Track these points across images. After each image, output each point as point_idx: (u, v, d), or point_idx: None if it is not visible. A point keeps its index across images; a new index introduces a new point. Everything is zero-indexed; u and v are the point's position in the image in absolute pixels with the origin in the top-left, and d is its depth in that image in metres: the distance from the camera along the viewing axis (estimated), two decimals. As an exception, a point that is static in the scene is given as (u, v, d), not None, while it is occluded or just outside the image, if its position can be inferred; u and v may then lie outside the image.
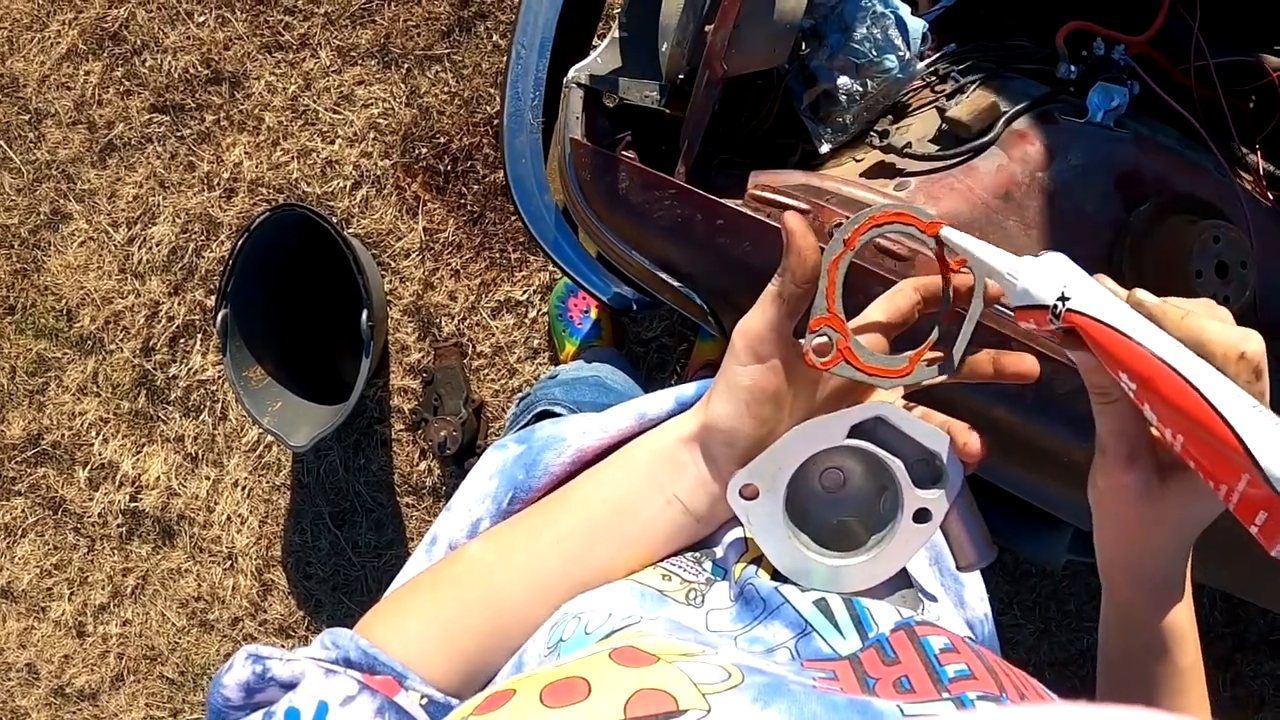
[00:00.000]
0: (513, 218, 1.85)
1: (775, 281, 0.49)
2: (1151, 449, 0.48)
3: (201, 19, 1.90)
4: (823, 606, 0.47)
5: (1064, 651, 1.87)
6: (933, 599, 0.56)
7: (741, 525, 0.54)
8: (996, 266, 0.47)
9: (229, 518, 2.05)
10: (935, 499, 0.49)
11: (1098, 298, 0.43)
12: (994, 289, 0.52)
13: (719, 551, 0.54)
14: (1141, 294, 0.44)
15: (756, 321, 0.49)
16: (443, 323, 1.90)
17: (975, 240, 0.49)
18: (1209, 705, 0.55)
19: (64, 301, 2.04)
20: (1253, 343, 0.41)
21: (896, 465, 0.49)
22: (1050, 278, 0.45)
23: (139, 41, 1.93)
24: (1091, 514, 0.52)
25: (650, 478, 0.53)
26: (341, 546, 2.02)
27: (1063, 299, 0.43)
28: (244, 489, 2.04)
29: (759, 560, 0.51)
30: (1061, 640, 1.87)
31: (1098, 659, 0.57)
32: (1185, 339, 0.41)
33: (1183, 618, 0.52)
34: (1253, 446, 0.37)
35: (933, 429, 0.48)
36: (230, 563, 2.07)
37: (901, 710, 0.36)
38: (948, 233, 0.49)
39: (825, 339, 0.49)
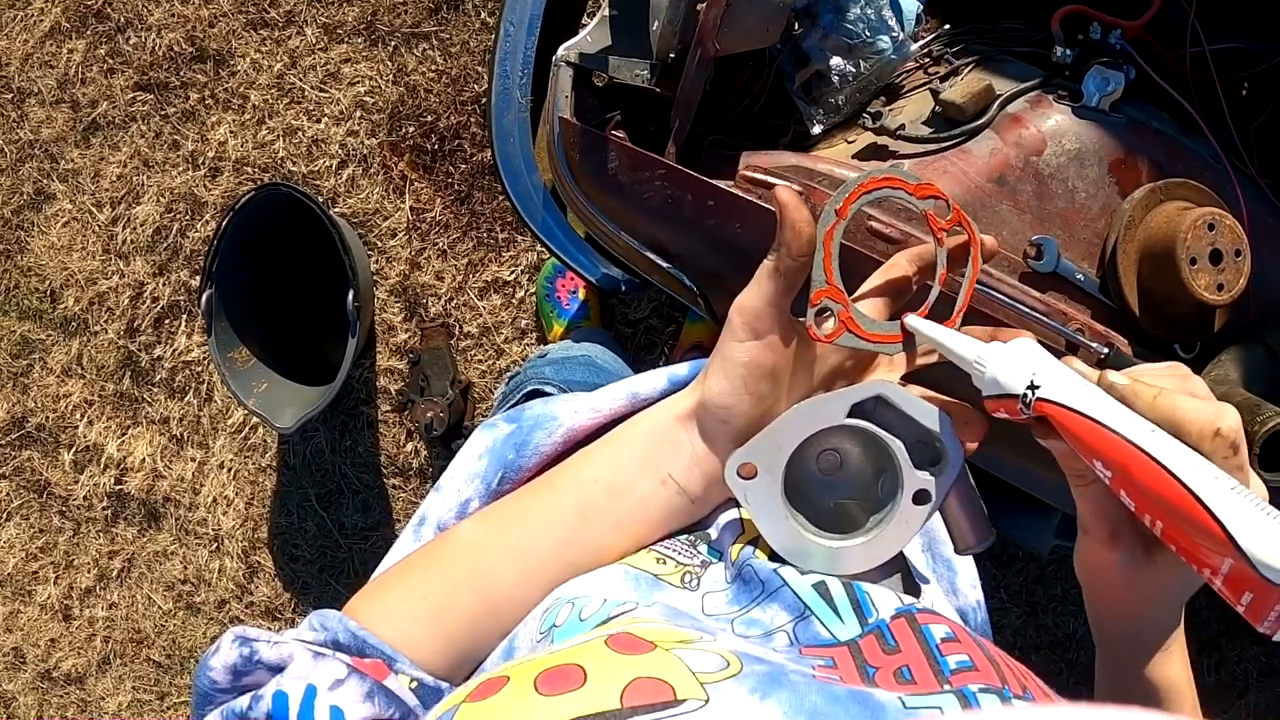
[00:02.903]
0: (500, 197, 1.83)
1: (771, 256, 0.48)
2: (1134, 524, 0.47)
3: (186, -5, 1.88)
4: (822, 590, 0.46)
5: (1050, 635, 1.88)
6: (925, 582, 0.56)
7: (736, 507, 0.53)
8: (964, 354, 0.47)
9: (215, 500, 2.04)
10: (935, 480, 0.49)
11: (1067, 383, 0.43)
12: (990, 244, 0.52)
13: (713, 533, 0.53)
14: (1113, 376, 0.43)
15: (753, 297, 0.49)
16: (429, 303, 1.89)
17: (940, 328, 0.49)
18: None
19: (48, 283, 2.02)
20: (1228, 418, 0.41)
21: (896, 446, 0.48)
22: (1019, 365, 0.44)
23: (122, 19, 1.90)
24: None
25: (644, 457, 0.52)
26: (328, 528, 2.01)
27: (1032, 387, 0.43)
28: (230, 471, 2.03)
29: (755, 542, 0.50)
30: (1048, 624, 1.88)
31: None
32: (1159, 420, 0.41)
33: (1177, 672, 0.52)
34: (1234, 532, 0.37)
35: (933, 409, 0.48)
36: (216, 545, 2.06)
37: (903, 703, 0.36)
38: (913, 321, 0.50)
39: (827, 310, 0.48)
